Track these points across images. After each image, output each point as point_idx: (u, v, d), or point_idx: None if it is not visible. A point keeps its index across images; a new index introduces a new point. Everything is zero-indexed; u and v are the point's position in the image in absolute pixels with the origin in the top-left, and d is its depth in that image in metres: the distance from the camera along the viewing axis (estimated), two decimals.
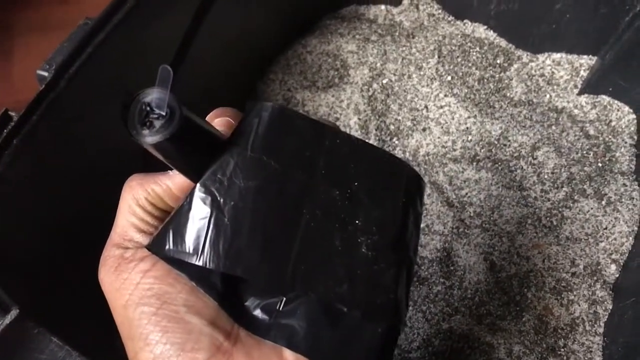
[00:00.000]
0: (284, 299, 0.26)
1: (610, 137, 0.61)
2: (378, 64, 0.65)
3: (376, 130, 0.62)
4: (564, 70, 0.65)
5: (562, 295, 0.54)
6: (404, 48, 0.66)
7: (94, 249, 0.29)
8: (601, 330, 0.53)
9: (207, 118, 0.28)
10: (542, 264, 0.56)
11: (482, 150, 0.61)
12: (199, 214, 0.25)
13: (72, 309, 0.39)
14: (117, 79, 0.43)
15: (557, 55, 0.65)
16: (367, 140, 0.31)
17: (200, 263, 0.24)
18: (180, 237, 0.25)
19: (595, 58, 0.64)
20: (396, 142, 0.62)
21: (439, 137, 0.62)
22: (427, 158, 0.61)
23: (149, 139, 0.21)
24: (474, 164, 0.60)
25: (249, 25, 0.60)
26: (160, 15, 0.46)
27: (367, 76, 0.64)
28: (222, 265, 0.24)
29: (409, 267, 0.29)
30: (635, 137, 0.60)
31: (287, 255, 0.25)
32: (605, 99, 0.63)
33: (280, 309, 0.26)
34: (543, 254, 0.56)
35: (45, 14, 0.71)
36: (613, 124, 0.62)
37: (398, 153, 0.62)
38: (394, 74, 0.64)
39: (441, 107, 0.63)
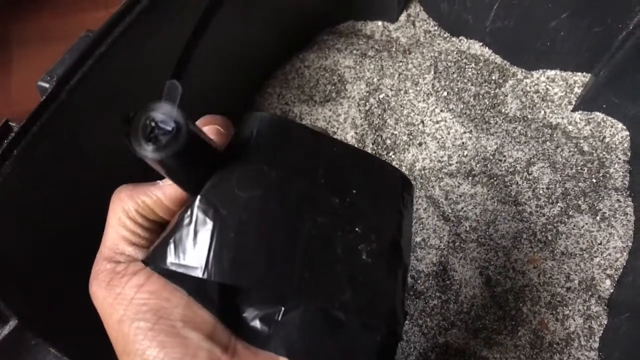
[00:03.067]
0: (283, 309, 0.26)
1: (604, 153, 0.61)
2: (375, 79, 0.65)
3: (373, 144, 0.63)
4: (558, 87, 0.65)
5: (558, 310, 0.54)
6: (401, 64, 0.66)
7: (94, 260, 0.29)
8: (596, 345, 0.53)
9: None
10: (537, 278, 0.56)
11: (477, 165, 0.61)
12: (202, 227, 0.25)
13: (71, 321, 0.39)
14: (118, 90, 0.44)
15: (551, 72, 0.66)
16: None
17: (205, 276, 0.24)
18: (182, 250, 0.25)
19: (589, 75, 0.64)
20: (392, 156, 0.63)
21: (435, 152, 0.62)
22: (423, 172, 0.62)
23: (154, 155, 0.21)
24: (470, 178, 0.61)
25: (248, 40, 0.61)
26: (161, 28, 0.46)
27: (364, 91, 0.65)
28: (228, 277, 0.24)
29: (404, 273, 0.29)
30: (629, 154, 0.61)
31: (291, 265, 0.25)
32: (599, 115, 0.63)
33: (279, 319, 0.26)
34: (538, 269, 0.56)
35: (43, 26, 0.71)
36: (607, 140, 0.62)
37: None
38: (391, 89, 0.65)
39: (437, 122, 0.63)
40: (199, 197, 0.25)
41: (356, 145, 0.62)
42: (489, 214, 0.59)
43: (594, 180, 0.60)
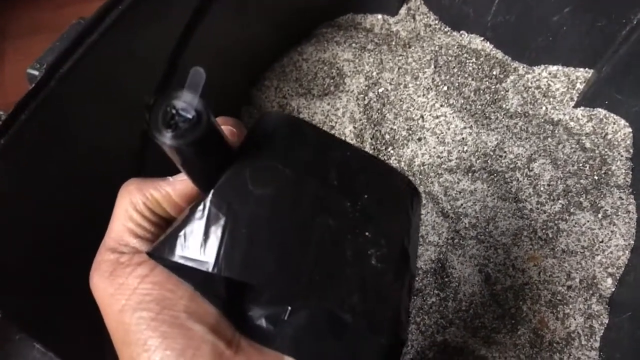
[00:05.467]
0: (290, 308, 0.26)
1: (606, 150, 0.60)
2: (374, 73, 0.64)
3: (371, 139, 0.61)
4: (560, 82, 0.64)
5: (558, 309, 0.54)
6: (400, 57, 0.65)
7: (81, 254, 0.28)
8: (597, 344, 0.53)
9: None
10: (537, 276, 0.55)
11: (477, 161, 0.60)
12: (214, 221, 0.24)
13: (57, 315, 0.38)
14: (109, 79, 0.43)
15: (553, 68, 0.65)
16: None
17: (215, 271, 0.24)
18: (192, 244, 0.24)
19: (591, 71, 0.63)
20: (391, 151, 0.62)
21: (434, 147, 0.61)
22: (422, 168, 0.61)
23: (173, 141, 0.20)
24: (470, 174, 0.60)
25: (245, 32, 0.60)
26: (155, 18, 0.45)
27: (363, 85, 0.63)
28: (238, 273, 0.24)
29: (411, 280, 0.29)
30: (631, 151, 0.60)
31: (302, 265, 0.25)
32: (601, 112, 0.62)
33: (286, 318, 0.26)
34: (539, 267, 0.55)
35: (37, 16, 0.70)
36: (609, 137, 0.61)
37: (393, 162, 0.61)
38: (390, 83, 0.64)
39: (437, 117, 0.62)
40: (212, 191, 0.25)
41: (354, 140, 0.61)
42: (489, 210, 0.58)
43: (596, 177, 0.59)
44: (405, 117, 0.63)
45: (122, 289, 0.24)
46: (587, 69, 0.64)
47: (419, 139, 0.62)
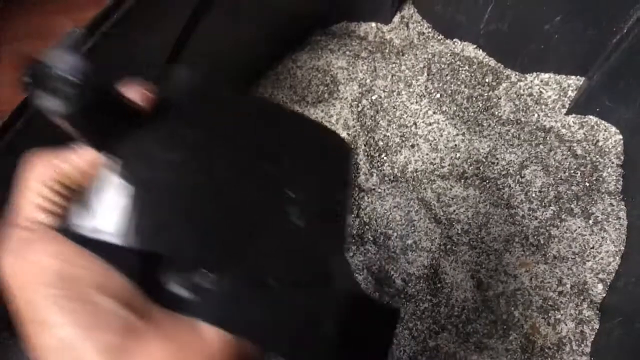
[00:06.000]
0: (210, 275, 0.25)
1: (597, 157, 0.61)
2: (368, 80, 0.65)
3: (365, 145, 0.62)
4: (552, 90, 0.65)
5: (549, 314, 0.54)
6: (394, 65, 0.66)
7: None
8: (588, 350, 0.53)
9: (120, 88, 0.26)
10: (529, 282, 0.55)
11: (470, 168, 0.61)
12: (121, 191, 0.23)
13: None
14: None
15: (545, 75, 0.66)
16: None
17: (121, 242, 0.22)
18: (97, 215, 0.23)
19: (582, 79, 0.64)
20: (385, 158, 0.62)
21: (427, 154, 0.62)
22: (415, 174, 0.61)
23: (59, 109, 0.19)
24: (462, 181, 0.60)
25: (240, 40, 0.60)
26: (150, 26, 0.46)
27: (356, 92, 0.64)
28: (146, 243, 0.23)
29: (341, 238, 0.28)
30: (622, 158, 0.61)
31: (213, 230, 0.24)
32: (592, 119, 0.63)
33: (205, 285, 0.25)
34: (530, 273, 0.56)
35: (33, 25, 0.71)
36: (600, 144, 0.62)
37: (386, 169, 0.61)
38: (384, 91, 0.65)
39: (430, 124, 0.63)
40: (114, 158, 0.23)
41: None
42: (481, 216, 0.58)
43: (587, 184, 0.59)
44: (398, 124, 0.63)
45: (30, 266, 0.24)
46: (578, 76, 0.65)
47: (412, 146, 0.62)
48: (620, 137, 0.62)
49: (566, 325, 0.54)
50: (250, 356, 0.26)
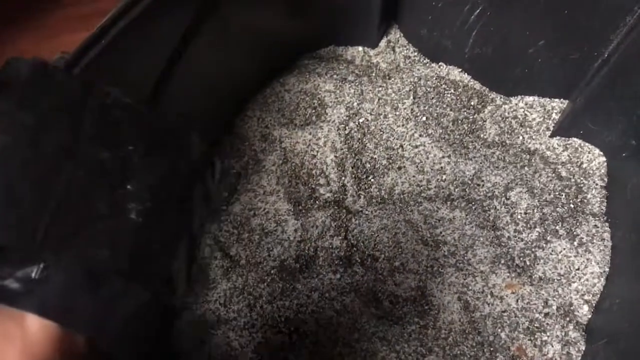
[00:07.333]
0: (41, 266, 0.24)
1: (581, 178, 0.62)
2: (355, 104, 0.66)
3: (352, 167, 0.63)
4: (536, 112, 0.66)
5: (536, 336, 0.54)
6: (380, 88, 0.67)
7: None
8: None
9: None
10: (515, 304, 0.56)
11: (456, 190, 0.61)
12: None
13: None
14: None
15: (529, 98, 0.67)
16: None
17: None
18: None
19: (566, 101, 0.65)
20: (372, 180, 0.63)
21: (414, 176, 0.62)
22: (402, 196, 0.62)
23: None
24: (448, 203, 0.61)
25: (228, 64, 0.61)
26: (138, 51, 0.46)
27: (343, 115, 0.65)
28: None
29: (191, 238, 0.28)
30: (606, 179, 0.62)
31: (38, 218, 0.23)
32: (576, 141, 0.64)
33: (36, 277, 0.24)
34: (516, 294, 0.56)
35: (20, 49, 0.71)
36: (584, 166, 0.63)
37: (374, 191, 0.62)
38: (370, 114, 0.65)
39: (416, 146, 0.64)
40: None
41: (336, 169, 0.62)
42: (467, 238, 0.58)
43: (572, 206, 0.60)
44: (385, 146, 0.64)
45: None
46: (562, 99, 0.66)
47: (399, 168, 0.63)
48: (604, 159, 0.62)
49: (552, 346, 0.54)
50: (77, 343, 0.25)
